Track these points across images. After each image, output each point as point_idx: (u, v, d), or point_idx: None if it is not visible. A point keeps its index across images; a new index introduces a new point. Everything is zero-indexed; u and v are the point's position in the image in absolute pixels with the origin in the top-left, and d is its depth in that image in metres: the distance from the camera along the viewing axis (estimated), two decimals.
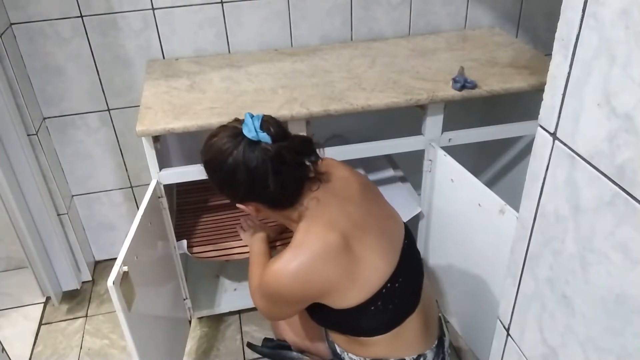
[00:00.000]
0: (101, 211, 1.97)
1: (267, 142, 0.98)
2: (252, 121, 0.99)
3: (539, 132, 0.68)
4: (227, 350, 1.72)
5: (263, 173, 0.99)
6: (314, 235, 1.00)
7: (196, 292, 1.81)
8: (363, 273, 1.02)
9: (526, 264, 0.75)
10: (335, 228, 1.00)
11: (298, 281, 0.99)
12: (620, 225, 0.55)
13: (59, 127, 1.76)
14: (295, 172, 1.02)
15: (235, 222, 1.73)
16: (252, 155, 0.98)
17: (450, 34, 1.87)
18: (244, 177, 1.00)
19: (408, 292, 1.10)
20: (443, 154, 1.48)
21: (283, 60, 1.70)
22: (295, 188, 1.04)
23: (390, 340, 1.10)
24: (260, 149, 0.98)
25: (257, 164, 0.98)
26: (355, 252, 1.01)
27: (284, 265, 1.00)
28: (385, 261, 1.04)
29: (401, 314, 1.09)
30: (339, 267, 0.99)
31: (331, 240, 0.99)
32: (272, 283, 1.02)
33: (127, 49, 1.69)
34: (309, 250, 0.99)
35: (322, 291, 1.01)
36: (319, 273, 0.99)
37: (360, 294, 1.02)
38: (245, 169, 0.99)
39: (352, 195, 1.07)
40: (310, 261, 0.99)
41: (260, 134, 0.98)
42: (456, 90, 1.44)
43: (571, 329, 0.66)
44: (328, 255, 0.99)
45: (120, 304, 1.09)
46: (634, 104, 0.50)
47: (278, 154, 0.98)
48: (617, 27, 0.51)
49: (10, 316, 1.87)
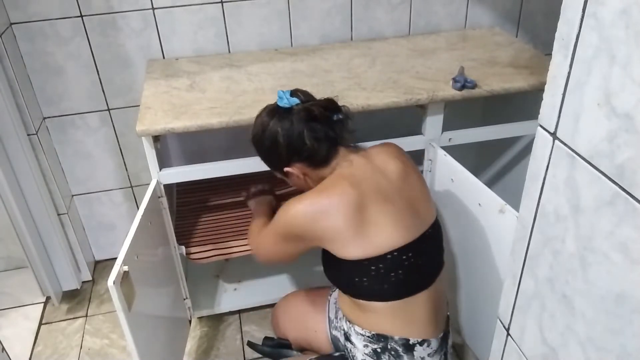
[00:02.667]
0: (101, 211, 1.97)
1: (298, 103, 1.15)
2: (283, 93, 1.17)
3: (539, 132, 0.68)
4: (227, 349, 1.72)
5: (299, 131, 1.14)
6: (336, 186, 1.11)
7: (196, 292, 1.81)
8: (370, 233, 1.09)
9: (526, 263, 0.76)
10: (356, 187, 1.10)
11: (307, 219, 1.11)
12: (620, 225, 0.55)
13: (59, 127, 1.76)
14: (325, 126, 1.15)
15: (235, 221, 1.73)
16: (287, 120, 1.15)
17: (450, 33, 1.87)
18: (283, 139, 1.15)
19: (417, 270, 1.13)
20: (443, 153, 1.47)
21: (283, 60, 1.70)
22: (329, 142, 1.16)
23: (392, 313, 1.12)
24: (293, 112, 1.15)
25: (291, 124, 1.14)
26: (370, 214, 1.09)
27: (302, 203, 1.12)
28: (398, 232, 1.10)
29: (404, 288, 1.12)
30: (348, 219, 1.08)
31: (350, 195, 1.09)
32: (288, 215, 1.14)
33: (127, 48, 1.69)
34: (327, 197, 1.10)
35: (326, 236, 1.10)
36: (328, 218, 1.09)
37: (362, 250, 1.09)
38: (283, 132, 1.15)
39: (389, 170, 1.16)
40: (325, 205, 1.10)
41: (291, 99, 1.15)
42: (456, 90, 1.44)
43: (571, 328, 0.66)
44: (341, 206, 1.08)
45: (120, 304, 1.09)
46: (634, 103, 0.50)
47: (307, 110, 1.14)
48: (617, 27, 0.51)
49: (10, 316, 1.87)
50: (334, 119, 1.17)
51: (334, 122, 1.17)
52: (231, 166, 1.47)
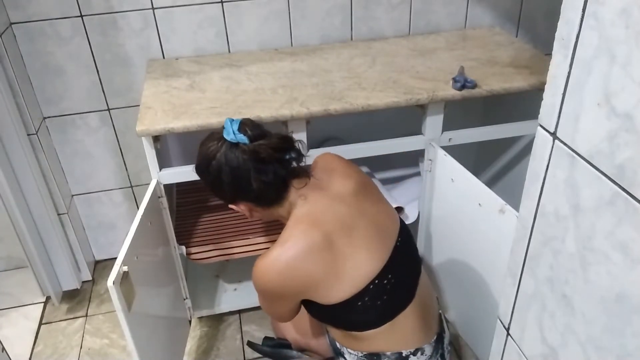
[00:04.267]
0: (101, 211, 1.97)
1: (244, 142, 1.05)
2: (230, 125, 1.06)
3: (539, 132, 0.68)
4: (227, 349, 1.72)
5: (245, 172, 1.05)
6: (298, 232, 1.04)
7: (196, 292, 1.81)
8: (348, 270, 1.04)
9: (526, 263, 0.76)
10: (319, 226, 1.04)
11: (282, 276, 1.04)
12: (620, 225, 0.55)
13: (59, 127, 1.76)
14: (275, 169, 1.06)
15: (235, 221, 1.73)
16: (233, 156, 1.05)
17: (450, 33, 1.87)
18: (228, 177, 1.06)
19: (399, 288, 1.11)
20: (443, 153, 1.47)
21: (283, 60, 1.70)
22: (279, 184, 1.08)
23: (384, 334, 1.11)
24: (240, 149, 1.04)
25: (237, 163, 1.04)
26: (340, 250, 1.04)
27: (270, 261, 1.04)
28: (373, 259, 1.07)
29: (392, 310, 1.10)
30: (322, 263, 1.03)
31: (314, 237, 1.03)
32: (260, 279, 1.06)
33: (127, 48, 1.69)
34: (293, 247, 1.03)
35: (306, 287, 1.05)
36: (302, 269, 1.03)
37: (345, 290, 1.05)
38: (228, 169, 1.05)
39: (343, 193, 1.10)
40: (294, 257, 1.02)
41: (238, 135, 1.05)
42: (456, 89, 1.44)
43: (571, 328, 0.66)
44: (311, 253, 1.02)
45: (120, 304, 1.09)
46: (634, 103, 0.50)
47: (255, 152, 1.04)
48: (617, 27, 0.51)
49: (10, 316, 1.87)
50: (286, 158, 1.08)
51: (285, 161, 1.08)
52: None
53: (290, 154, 1.08)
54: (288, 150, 1.08)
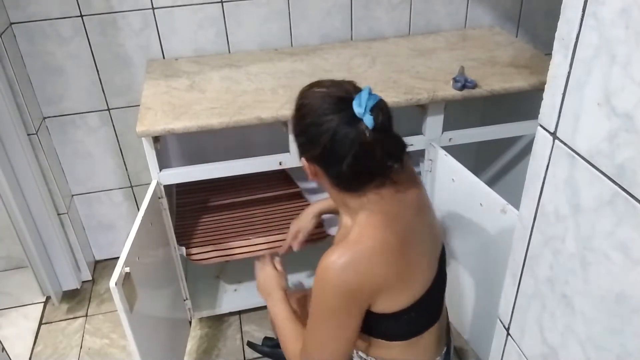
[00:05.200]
0: (101, 211, 1.97)
1: (368, 126, 0.90)
2: (366, 98, 0.91)
3: (539, 132, 0.68)
4: (228, 350, 1.72)
5: (344, 152, 0.91)
6: (373, 230, 0.95)
7: (196, 293, 1.81)
8: (414, 277, 1.00)
9: (526, 263, 0.76)
10: (395, 228, 0.96)
11: (357, 274, 0.93)
12: (620, 225, 0.55)
13: (59, 127, 1.76)
14: (374, 167, 0.95)
15: (235, 222, 1.73)
16: (346, 130, 0.91)
17: (450, 33, 1.87)
18: (326, 142, 0.92)
19: (436, 304, 1.10)
20: (444, 153, 1.47)
21: (283, 60, 1.70)
22: (366, 180, 0.97)
23: (405, 347, 1.09)
24: (358, 126, 0.90)
25: (344, 139, 0.91)
26: (410, 257, 0.98)
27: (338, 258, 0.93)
28: (429, 271, 1.04)
29: (424, 325, 1.09)
30: (395, 266, 0.96)
31: (389, 238, 0.95)
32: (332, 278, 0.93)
33: (127, 48, 1.69)
34: (368, 244, 0.94)
35: (378, 289, 0.96)
36: (374, 269, 0.94)
37: (405, 300, 1.00)
38: (331, 136, 0.91)
39: (411, 202, 1.03)
40: (370, 256, 0.94)
41: (367, 115, 0.90)
42: (457, 89, 1.44)
43: (571, 328, 0.66)
44: (385, 253, 0.94)
45: (122, 305, 1.09)
46: (634, 103, 0.50)
47: (369, 143, 0.91)
48: (617, 27, 0.51)
49: (10, 316, 1.87)
50: (388, 164, 0.95)
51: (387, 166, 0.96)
52: (231, 166, 1.47)
53: (394, 164, 0.96)
54: (396, 158, 0.95)
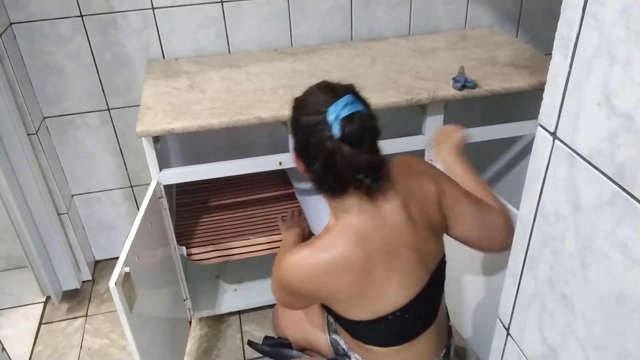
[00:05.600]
0: (101, 211, 1.97)
1: (334, 135, 0.92)
2: (342, 107, 0.93)
3: (539, 132, 0.68)
4: (228, 349, 1.73)
5: (315, 152, 0.95)
6: (342, 244, 0.97)
7: (196, 293, 1.81)
8: (374, 297, 1.01)
9: (526, 263, 0.76)
10: (364, 247, 0.97)
11: (310, 280, 0.99)
12: (620, 225, 0.55)
13: (59, 127, 1.76)
14: (343, 177, 0.95)
15: (235, 222, 1.73)
16: (319, 133, 0.93)
17: (450, 33, 1.87)
18: (302, 140, 0.98)
19: (419, 319, 1.09)
20: None
21: (283, 60, 1.70)
22: (338, 187, 0.98)
23: (394, 353, 1.10)
24: (326, 134, 0.93)
25: (316, 141, 0.94)
26: (375, 277, 0.99)
27: (301, 260, 0.99)
28: (403, 291, 1.03)
29: (406, 337, 1.09)
30: (353, 283, 0.98)
31: (356, 257, 0.97)
32: (286, 274, 1.01)
33: (127, 48, 1.69)
34: (331, 255, 0.97)
35: (329, 297, 1.02)
36: (332, 281, 0.98)
37: (364, 313, 1.03)
38: (306, 136, 0.96)
39: (398, 219, 1.00)
40: (329, 265, 0.97)
41: (335, 123, 0.92)
42: (457, 89, 1.44)
43: (571, 328, 0.66)
44: (347, 269, 0.97)
45: (122, 305, 1.09)
46: (634, 103, 0.50)
47: (332, 151, 0.92)
48: (617, 27, 0.51)
49: (10, 316, 1.87)
50: (358, 177, 0.95)
51: (357, 179, 0.95)
52: (231, 166, 1.47)
53: (365, 179, 0.95)
54: (365, 174, 0.95)
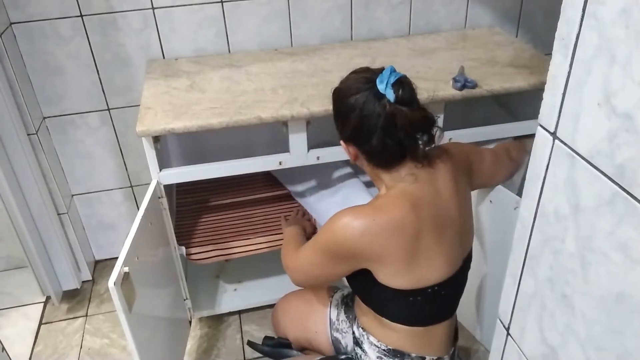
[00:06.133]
0: (101, 211, 1.97)
1: (390, 99, 0.98)
2: (388, 75, 1.00)
3: (539, 132, 0.68)
4: (228, 349, 1.73)
5: (372, 125, 1.00)
6: (398, 206, 1.01)
7: (196, 293, 1.81)
8: (421, 265, 1.03)
9: (526, 263, 0.76)
10: (417, 212, 1.01)
11: (363, 238, 1.00)
12: (620, 225, 0.55)
13: (59, 127, 1.76)
14: (402, 140, 1.01)
15: (235, 222, 1.73)
16: (371, 105, 0.99)
17: (450, 33, 1.87)
18: (355, 120, 1.02)
19: (449, 301, 1.11)
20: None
21: (283, 60, 1.70)
22: (397, 154, 1.03)
23: (412, 335, 1.11)
24: (382, 102, 0.99)
25: (370, 114, 0.99)
26: (424, 244, 1.02)
27: (354, 219, 1.01)
28: (447, 266, 1.06)
29: (433, 318, 1.11)
30: (403, 248, 1.00)
31: (409, 220, 1.00)
32: (341, 231, 1.02)
33: (127, 48, 1.69)
34: (387, 215, 1.00)
35: (379, 257, 1.02)
36: (385, 240, 1.00)
37: (407, 281, 1.03)
38: (359, 114, 1.01)
39: (449, 193, 1.06)
40: (382, 226, 0.99)
41: (388, 89, 0.99)
42: (457, 89, 1.44)
43: (571, 328, 0.66)
44: (399, 232, 0.99)
45: (121, 305, 1.09)
46: (634, 103, 0.50)
47: (392, 115, 0.98)
48: (617, 27, 0.51)
49: (10, 315, 1.87)
50: (417, 136, 1.01)
51: (414, 138, 1.02)
52: (231, 166, 1.47)
53: (423, 136, 1.02)
54: (423, 130, 1.02)
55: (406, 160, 1.04)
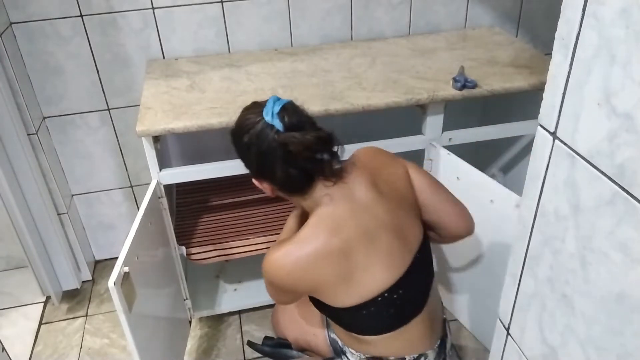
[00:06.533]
0: (101, 210, 1.97)
1: (279, 129, 0.99)
2: (272, 105, 1.01)
3: (539, 132, 0.68)
4: (228, 349, 1.72)
5: (272, 157, 1.00)
6: (318, 235, 1.01)
7: (196, 293, 1.81)
8: (359, 280, 1.03)
9: (526, 263, 0.76)
10: (339, 233, 1.01)
11: (292, 275, 1.02)
12: (620, 225, 0.55)
13: (59, 127, 1.76)
14: (304, 164, 1.01)
15: (235, 222, 1.73)
16: (265, 138, 0.99)
17: (450, 33, 1.87)
18: (255, 156, 1.03)
19: (408, 302, 1.10)
20: (446, 152, 1.47)
21: (283, 60, 1.70)
22: (304, 179, 1.03)
23: (387, 341, 1.11)
24: (272, 133, 0.99)
25: (267, 147, 0.99)
26: (356, 260, 1.02)
27: (282, 257, 1.02)
28: (387, 272, 1.05)
29: (397, 321, 1.10)
30: (335, 269, 1.01)
31: (333, 244, 1.00)
32: (269, 272, 1.04)
33: (127, 48, 1.69)
34: (310, 248, 1.01)
35: (314, 288, 1.05)
36: (313, 272, 1.01)
37: (352, 298, 1.04)
38: (256, 150, 1.01)
39: (371, 200, 1.05)
40: (308, 259, 1.01)
41: (275, 119, 0.99)
42: (457, 89, 1.44)
43: (571, 328, 0.66)
44: (326, 259, 1.00)
45: (121, 305, 1.09)
46: (634, 103, 0.50)
47: (284, 143, 0.98)
48: (617, 26, 0.51)
49: (10, 315, 1.87)
50: (317, 157, 1.01)
51: (315, 160, 1.01)
52: (231, 166, 1.47)
53: (323, 155, 1.02)
54: (322, 150, 1.02)
55: (316, 182, 1.03)
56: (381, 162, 1.15)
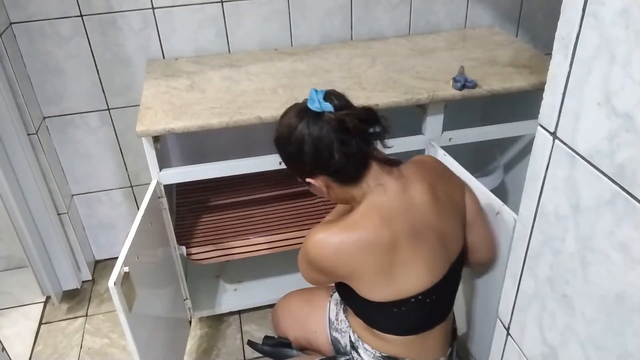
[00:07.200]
0: (101, 210, 1.97)
1: (330, 111, 1.01)
2: (316, 94, 1.02)
3: (539, 132, 0.68)
4: (228, 349, 1.73)
5: (328, 142, 1.00)
6: (369, 222, 1.01)
7: (196, 293, 1.81)
8: (399, 277, 1.02)
9: (526, 263, 0.76)
10: (389, 225, 1.01)
11: (335, 256, 1.01)
12: (620, 225, 0.55)
13: (59, 127, 1.76)
14: (359, 141, 1.01)
15: (235, 222, 1.73)
16: (316, 126, 1.01)
17: (450, 33, 1.87)
18: (310, 147, 1.01)
19: (438, 308, 1.10)
20: (443, 153, 1.47)
21: (283, 60, 1.70)
22: (361, 160, 1.03)
23: (405, 343, 1.11)
24: (324, 119, 1.00)
25: (321, 133, 1.00)
26: (400, 255, 1.01)
27: (328, 237, 1.02)
28: (427, 275, 1.05)
29: (423, 326, 1.10)
30: (378, 262, 1.01)
31: (382, 236, 1.00)
32: (312, 249, 1.03)
33: (127, 48, 1.69)
34: (359, 234, 1.00)
35: (353, 275, 1.03)
36: (357, 259, 1.00)
37: (387, 294, 1.03)
38: (310, 139, 1.01)
39: (422, 201, 1.05)
40: (354, 244, 1.00)
41: (323, 104, 1.01)
42: (457, 89, 1.44)
43: (571, 328, 0.66)
44: (372, 248, 1.00)
45: (121, 305, 1.09)
46: (634, 103, 0.50)
47: (340, 120, 0.99)
48: (617, 27, 0.51)
49: (10, 315, 1.87)
50: (370, 131, 1.02)
51: (370, 135, 1.02)
52: (231, 166, 1.47)
53: (375, 128, 1.02)
54: (373, 123, 1.02)
55: (371, 166, 1.04)
56: (444, 171, 1.17)
